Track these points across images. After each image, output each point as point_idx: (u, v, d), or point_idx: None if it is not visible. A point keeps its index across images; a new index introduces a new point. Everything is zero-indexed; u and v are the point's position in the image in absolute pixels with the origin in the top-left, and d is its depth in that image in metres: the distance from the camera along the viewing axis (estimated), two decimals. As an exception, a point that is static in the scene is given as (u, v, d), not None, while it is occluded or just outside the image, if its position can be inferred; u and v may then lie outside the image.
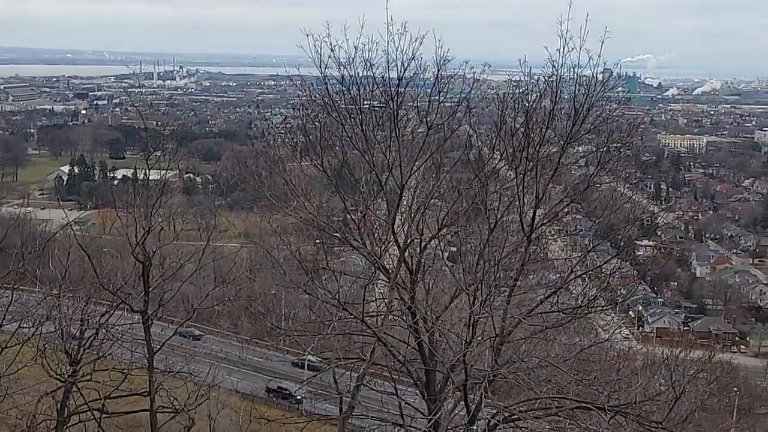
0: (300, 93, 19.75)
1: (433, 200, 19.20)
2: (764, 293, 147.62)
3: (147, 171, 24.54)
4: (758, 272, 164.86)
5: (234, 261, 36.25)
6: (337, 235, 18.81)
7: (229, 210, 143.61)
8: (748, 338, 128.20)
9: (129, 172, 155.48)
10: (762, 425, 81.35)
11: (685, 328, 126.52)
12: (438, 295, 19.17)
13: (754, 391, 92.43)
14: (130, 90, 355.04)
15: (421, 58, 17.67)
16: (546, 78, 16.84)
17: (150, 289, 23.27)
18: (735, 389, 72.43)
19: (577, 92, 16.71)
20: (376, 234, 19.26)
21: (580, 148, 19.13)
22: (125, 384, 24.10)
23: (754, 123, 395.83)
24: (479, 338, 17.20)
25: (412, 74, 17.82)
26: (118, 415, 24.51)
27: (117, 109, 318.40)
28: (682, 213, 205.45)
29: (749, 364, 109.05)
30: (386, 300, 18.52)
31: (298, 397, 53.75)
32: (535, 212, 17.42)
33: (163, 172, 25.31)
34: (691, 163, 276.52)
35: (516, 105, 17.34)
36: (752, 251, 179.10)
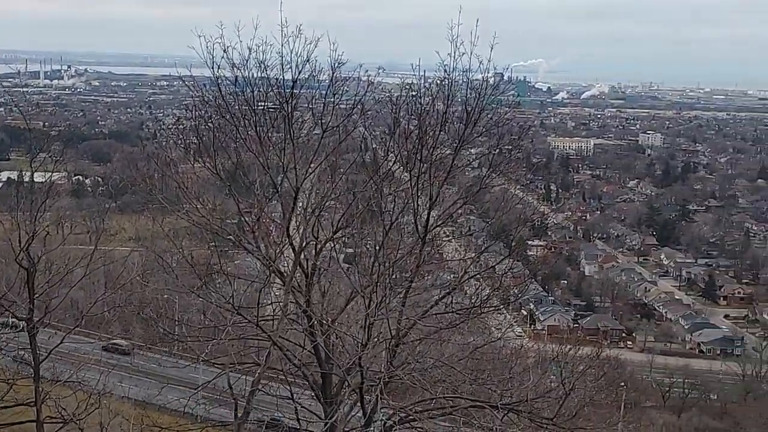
0: (193, 94, 19.41)
1: (328, 202, 19.16)
2: (649, 290, 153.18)
3: (32, 173, 23.69)
4: (643, 270, 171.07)
5: (125, 265, 35.37)
6: (230, 238, 18.56)
7: (120, 213, 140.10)
8: (634, 334, 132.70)
9: (14, 175, 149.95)
10: (647, 418, 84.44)
11: (575, 326, 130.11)
12: (334, 297, 19.15)
13: (640, 386, 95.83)
14: (14, 90, 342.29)
15: (316, 60, 17.65)
16: (438, 81, 17.04)
17: (35, 296, 22.47)
18: (622, 384, 74.80)
19: (468, 96, 16.97)
20: (271, 237, 19.12)
21: (473, 151, 19.40)
22: (10, 394, 23.20)
23: (638, 126, 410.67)
24: (375, 340, 17.26)
25: (307, 76, 17.76)
26: (2, 426, 23.60)
27: (1, 109, 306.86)
28: (571, 213, 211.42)
29: (636, 360, 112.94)
30: (281, 303, 18.40)
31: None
32: (429, 214, 17.59)
33: (49, 174, 24.50)
34: (579, 165, 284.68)
35: (410, 108, 17.48)
36: (637, 250, 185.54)
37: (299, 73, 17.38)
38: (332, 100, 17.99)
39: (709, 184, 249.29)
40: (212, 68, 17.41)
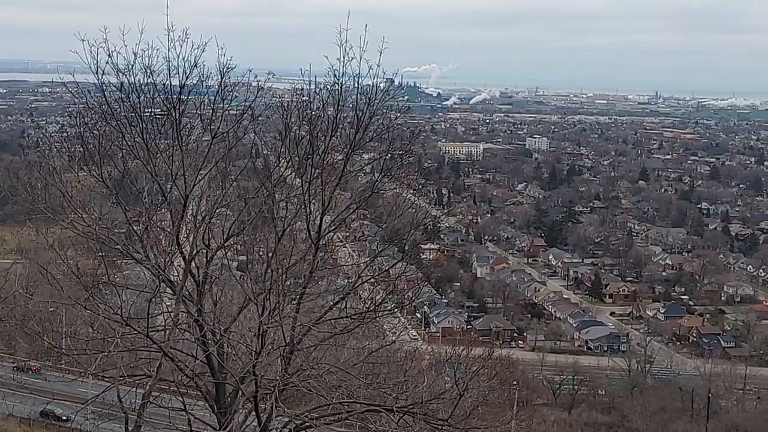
0: (77, 100, 18.85)
1: (219, 210, 18.89)
2: (538, 290, 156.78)
3: None
4: (533, 271, 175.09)
5: (6, 278, 34.04)
6: (118, 247, 18.06)
7: (1, 224, 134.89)
8: (525, 333, 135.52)
9: None
10: (539, 416, 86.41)
11: (468, 327, 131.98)
12: (227, 306, 18.87)
13: (532, 384, 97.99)
14: None
15: (204, 65, 17.40)
16: (329, 87, 17.04)
17: None
18: (514, 383, 76.42)
19: (359, 101, 17.02)
20: (160, 246, 18.72)
21: (365, 156, 19.46)
22: None
23: (525, 131, 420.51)
24: (269, 348, 17.09)
25: (195, 82, 17.49)
26: None
27: None
28: (462, 217, 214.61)
29: (527, 358, 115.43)
30: (172, 313, 18.02)
31: (64, 418, 52.68)
32: (321, 219, 17.55)
33: None
34: (470, 169, 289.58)
35: (300, 113, 17.41)
36: (526, 251, 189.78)
37: (187, 78, 17.12)
38: (221, 105, 17.74)
39: (593, 186, 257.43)
40: (96, 74, 16.95)
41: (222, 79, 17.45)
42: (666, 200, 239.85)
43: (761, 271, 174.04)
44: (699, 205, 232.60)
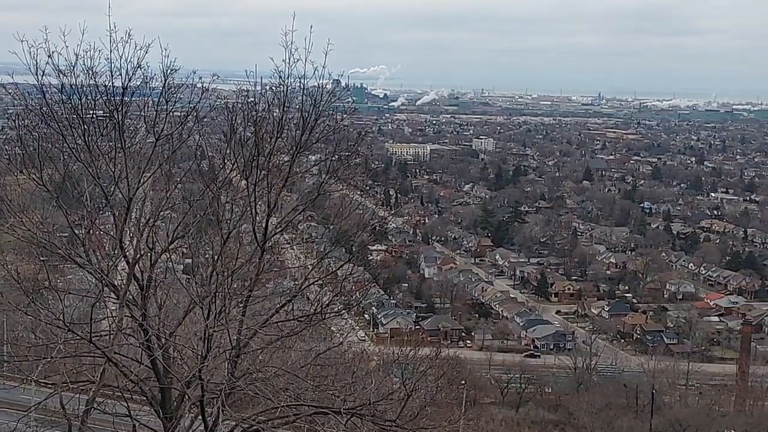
0: (16, 102, 18.49)
1: (164, 212, 18.67)
2: (486, 290, 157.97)
3: None
4: (480, 271, 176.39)
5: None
6: (60, 251, 17.75)
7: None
8: (473, 333, 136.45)
9: None
10: (487, 414, 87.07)
11: (417, 327, 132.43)
12: (172, 309, 18.67)
13: (479, 383, 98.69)
14: None
15: (148, 66, 17.19)
16: (274, 88, 16.97)
17: None
18: (462, 382, 76.88)
19: (304, 102, 16.98)
20: (103, 249, 18.45)
21: (312, 158, 19.40)
22: None
23: (471, 131, 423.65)
24: (215, 351, 16.94)
25: (138, 83, 17.27)
26: None
27: None
28: (410, 217, 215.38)
29: (475, 358, 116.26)
30: (116, 318, 17.76)
31: None
32: (267, 221, 17.46)
33: None
34: (417, 170, 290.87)
35: (246, 115, 17.31)
36: (473, 251, 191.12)
37: (130, 79, 16.89)
38: (165, 107, 17.55)
39: (539, 186, 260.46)
40: (36, 75, 16.64)
41: (166, 80, 17.26)
42: (609, 200, 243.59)
43: (702, 268, 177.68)
44: (641, 205, 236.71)
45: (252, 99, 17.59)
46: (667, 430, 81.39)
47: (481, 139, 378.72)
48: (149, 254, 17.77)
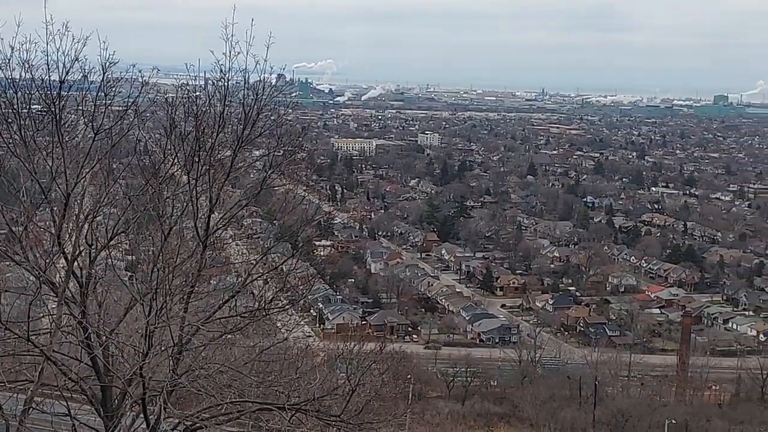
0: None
1: (104, 208, 18.38)
2: (432, 285, 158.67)
3: None
4: (426, 266, 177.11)
5: None
6: (-5, 249, 17.37)
7: None
8: (419, 328, 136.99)
9: None
10: (434, 408, 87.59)
11: (363, 322, 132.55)
12: (112, 307, 18.40)
13: (425, 377, 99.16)
14: None
15: (86, 59, 16.90)
16: (215, 82, 16.80)
17: None
18: (408, 376, 77.15)
19: (246, 96, 16.84)
20: (41, 246, 18.10)
21: (256, 153, 19.26)
22: None
23: (417, 127, 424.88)
24: (157, 348, 16.74)
25: (76, 77, 16.96)
26: None
27: None
28: (355, 213, 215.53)
29: (421, 352, 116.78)
30: (55, 316, 17.45)
31: None
32: (209, 217, 17.29)
33: None
34: (363, 165, 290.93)
35: (186, 109, 17.11)
36: (420, 246, 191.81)
37: (67, 73, 16.58)
38: (104, 101, 17.27)
39: (484, 181, 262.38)
40: (-31, 68, 16.24)
41: (104, 74, 16.98)
42: (553, 194, 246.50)
43: (643, 261, 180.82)
44: (584, 199, 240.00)
45: (193, 93, 17.38)
46: (609, 420, 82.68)
47: (427, 134, 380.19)
48: (88, 251, 17.48)
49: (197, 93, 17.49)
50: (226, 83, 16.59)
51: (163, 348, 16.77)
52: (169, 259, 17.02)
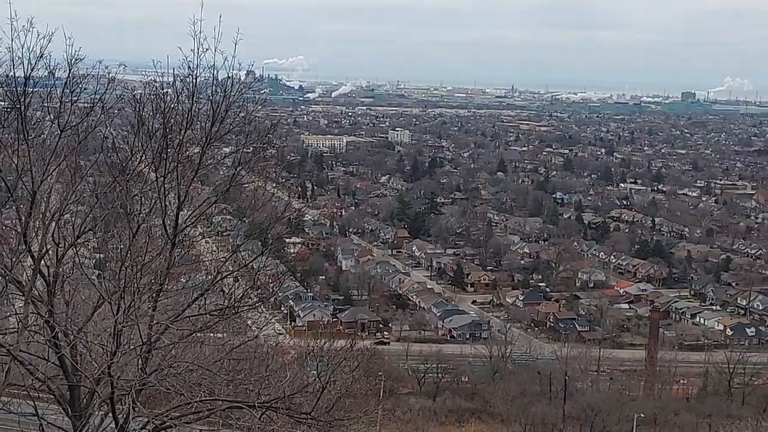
0: None
1: (70, 206, 18.18)
2: (403, 281, 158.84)
3: None
4: (397, 262, 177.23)
5: None
6: (-40, 248, 17.14)
7: None
8: (390, 324, 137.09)
9: None
10: (405, 404, 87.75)
11: (334, 320, 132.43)
12: (81, 305, 18.22)
13: (397, 374, 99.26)
14: None
15: (51, 56, 16.69)
16: (182, 79, 16.66)
17: None
18: (380, 373, 77.15)
19: (214, 93, 16.73)
20: (7, 244, 17.88)
21: (226, 150, 19.14)
22: None
23: (387, 123, 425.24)
24: (125, 347, 16.59)
25: (41, 73, 16.77)
26: None
27: None
28: (326, 210, 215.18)
29: (392, 349, 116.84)
30: (21, 315, 17.23)
31: None
32: (178, 214, 17.16)
33: None
34: (333, 162, 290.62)
35: (154, 105, 16.95)
36: (390, 243, 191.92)
37: (32, 69, 16.37)
38: (70, 98, 17.07)
39: (454, 177, 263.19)
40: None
41: (70, 70, 16.78)
42: (523, 191, 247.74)
43: (612, 257, 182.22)
44: (554, 195, 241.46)
45: (161, 89, 17.23)
46: (579, 415, 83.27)
47: (397, 131, 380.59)
48: (55, 249, 17.29)
49: (165, 90, 17.35)
50: (194, 80, 16.47)
51: (131, 347, 16.63)
52: (138, 257, 16.87)
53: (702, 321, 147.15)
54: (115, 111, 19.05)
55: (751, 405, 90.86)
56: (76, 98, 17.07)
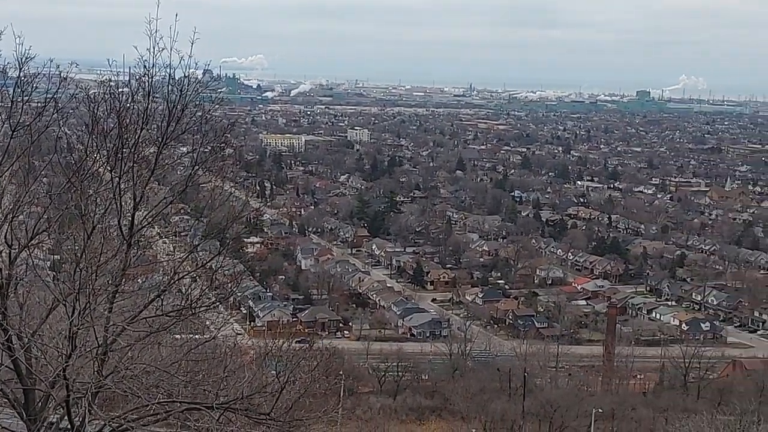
0: None
1: (24, 207, 17.91)
2: (363, 280, 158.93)
3: None
4: (357, 261, 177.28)
5: None
6: None
7: None
8: (350, 323, 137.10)
9: None
10: (365, 403, 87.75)
11: (294, 319, 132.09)
12: (35, 308, 17.95)
13: (357, 373, 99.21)
14: None
15: (1, 54, 16.44)
16: (138, 78, 16.48)
17: None
18: (340, 372, 77.07)
19: (170, 92, 16.57)
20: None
21: (184, 149, 18.97)
22: None
23: (346, 122, 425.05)
24: (81, 350, 16.38)
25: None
26: None
27: None
28: (285, 209, 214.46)
29: (352, 348, 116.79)
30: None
31: None
32: (134, 214, 16.98)
33: None
34: (292, 161, 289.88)
35: (108, 105, 16.75)
36: (350, 242, 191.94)
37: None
38: (21, 97, 16.81)
39: (414, 176, 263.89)
40: None
41: (21, 68, 16.52)
42: (482, 189, 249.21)
43: (569, 254, 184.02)
44: (512, 193, 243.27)
45: (116, 89, 17.02)
46: (538, 411, 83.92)
47: (356, 129, 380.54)
48: (8, 251, 17.02)
49: (120, 89, 17.14)
50: (150, 79, 16.30)
51: (87, 349, 16.42)
52: (93, 258, 16.65)
53: (658, 316, 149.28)
54: (69, 110, 18.77)
55: (706, 398, 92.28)
56: (27, 97, 16.82)
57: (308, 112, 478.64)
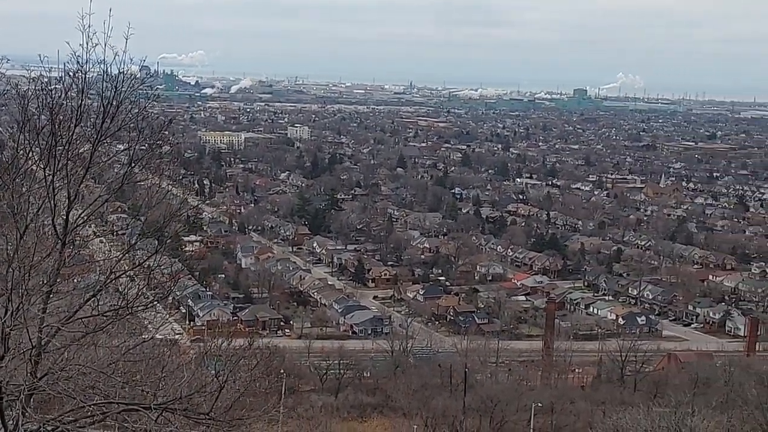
0: None
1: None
2: (304, 278, 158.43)
3: None
4: (297, 259, 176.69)
5: None
6: None
7: None
8: (291, 322, 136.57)
9: None
10: (307, 402, 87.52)
11: (234, 318, 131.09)
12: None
13: (299, 371, 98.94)
14: None
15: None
16: (72, 74, 16.17)
17: None
18: (281, 371, 76.73)
19: (105, 88, 16.30)
20: None
21: (120, 147, 18.67)
22: None
23: (286, 120, 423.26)
24: (14, 351, 16.02)
25: None
26: None
27: None
28: (225, 207, 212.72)
29: (294, 346, 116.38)
30: None
31: None
32: (68, 213, 16.66)
33: None
34: (232, 159, 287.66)
35: (41, 101, 16.40)
36: (291, 240, 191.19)
37: None
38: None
39: (354, 173, 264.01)
40: None
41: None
42: (422, 186, 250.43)
43: (509, 250, 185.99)
44: (453, 190, 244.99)
45: (48, 85, 16.67)
46: (479, 406, 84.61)
47: (296, 127, 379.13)
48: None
49: (53, 85, 16.80)
50: (83, 75, 16.00)
51: (20, 351, 16.07)
52: (26, 257, 16.30)
53: (595, 311, 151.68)
54: (0, 107, 18.36)
55: (643, 391, 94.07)
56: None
57: (248, 110, 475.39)
